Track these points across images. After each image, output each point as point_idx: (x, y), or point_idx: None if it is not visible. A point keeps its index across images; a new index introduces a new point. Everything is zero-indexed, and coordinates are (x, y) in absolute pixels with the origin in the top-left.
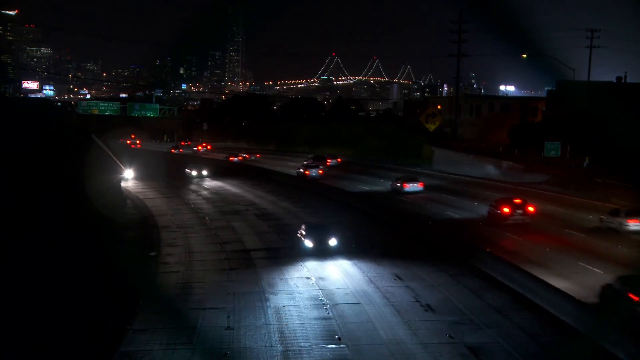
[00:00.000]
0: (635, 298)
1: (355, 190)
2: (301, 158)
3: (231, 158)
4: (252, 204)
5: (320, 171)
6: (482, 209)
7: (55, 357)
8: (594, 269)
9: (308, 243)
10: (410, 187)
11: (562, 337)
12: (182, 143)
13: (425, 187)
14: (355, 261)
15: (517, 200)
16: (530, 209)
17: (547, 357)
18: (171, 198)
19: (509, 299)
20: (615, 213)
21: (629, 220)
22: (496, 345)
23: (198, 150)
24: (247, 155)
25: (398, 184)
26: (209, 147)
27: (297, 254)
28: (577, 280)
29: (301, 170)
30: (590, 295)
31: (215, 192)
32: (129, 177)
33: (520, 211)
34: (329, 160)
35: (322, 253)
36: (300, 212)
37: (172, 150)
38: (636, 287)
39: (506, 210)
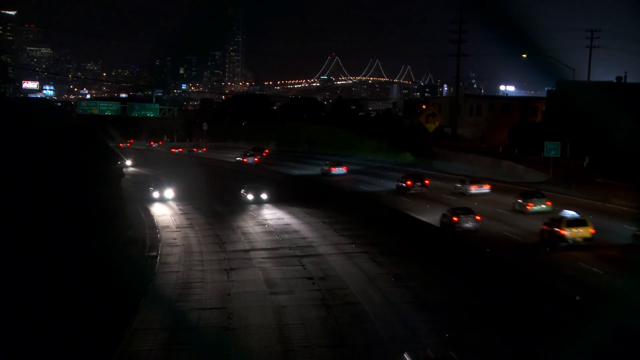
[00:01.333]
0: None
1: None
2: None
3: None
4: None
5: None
6: (392, 185)
7: (55, 357)
8: (442, 210)
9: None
10: (336, 170)
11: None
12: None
13: (350, 171)
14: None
15: (418, 177)
16: (427, 182)
17: None
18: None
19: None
20: (462, 182)
21: (471, 187)
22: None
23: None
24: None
25: (326, 168)
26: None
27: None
28: (431, 217)
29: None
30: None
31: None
32: (168, 197)
33: (419, 184)
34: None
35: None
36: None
37: (172, 150)
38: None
39: (409, 182)
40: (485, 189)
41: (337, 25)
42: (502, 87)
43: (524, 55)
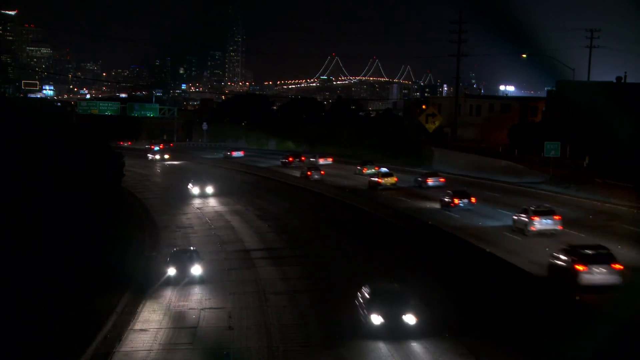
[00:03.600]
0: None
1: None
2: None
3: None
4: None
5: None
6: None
7: (55, 357)
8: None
9: None
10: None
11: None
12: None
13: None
14: None
15: (386, 173)
16: (396, 178)
17: None
18: None
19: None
20: (363, 164)
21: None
22: None
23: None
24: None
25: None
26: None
27: None
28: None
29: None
30: None
31: None
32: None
33: (388, 179)
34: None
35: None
36: None
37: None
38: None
39: (379, 180)
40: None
41: (337, 25)
42: (502, 87)
43: (524, 55)
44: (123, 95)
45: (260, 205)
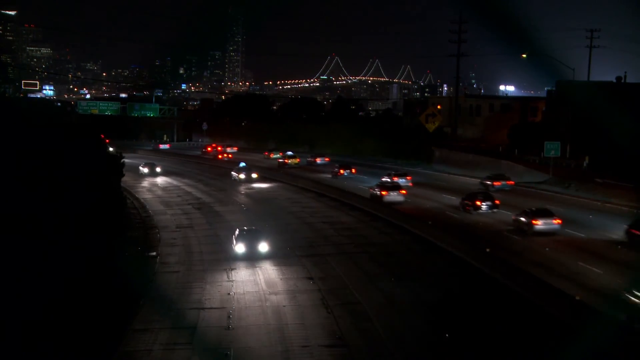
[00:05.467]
0: (287, 161)
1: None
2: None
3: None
4: None
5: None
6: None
7: (55, 357)
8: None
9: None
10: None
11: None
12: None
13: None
14: None
15: (290, 156)
16: (298, 159)
17: None
18: None
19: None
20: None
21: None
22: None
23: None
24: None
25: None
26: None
27: None
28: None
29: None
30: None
31: None
32: None
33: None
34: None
35: None
36: None
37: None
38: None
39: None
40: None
41: (337, 25)
42: (502, 87)
43: (524, 55)
44: (123, 95)
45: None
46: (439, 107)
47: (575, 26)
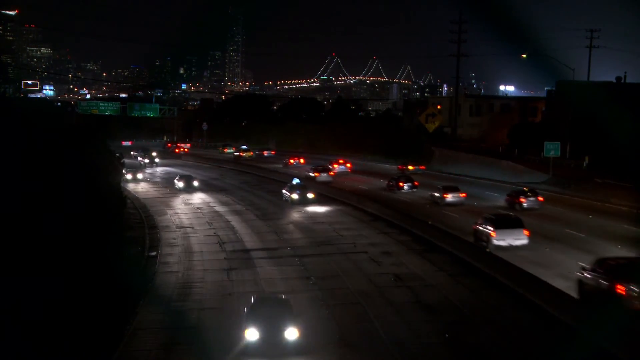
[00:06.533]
0: (242, 154)
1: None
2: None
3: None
4: None
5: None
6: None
7: (55, 357)
8: None
9: None
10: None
11: None
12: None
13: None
14: None
15: (245, 149)
16: (252, 152)
17: None
18: None
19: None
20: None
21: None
22: None
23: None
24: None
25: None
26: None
27: None
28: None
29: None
30: None
31: None
32: None
33: (247, 154)
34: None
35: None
36: None
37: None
38: None
39: (241, 154)
40: None
41: (337, 25)
42: (502, 87)
43: (524, 55)
44: (123, 95)
45: None
46: (439, 107)
47: (575, 26)
